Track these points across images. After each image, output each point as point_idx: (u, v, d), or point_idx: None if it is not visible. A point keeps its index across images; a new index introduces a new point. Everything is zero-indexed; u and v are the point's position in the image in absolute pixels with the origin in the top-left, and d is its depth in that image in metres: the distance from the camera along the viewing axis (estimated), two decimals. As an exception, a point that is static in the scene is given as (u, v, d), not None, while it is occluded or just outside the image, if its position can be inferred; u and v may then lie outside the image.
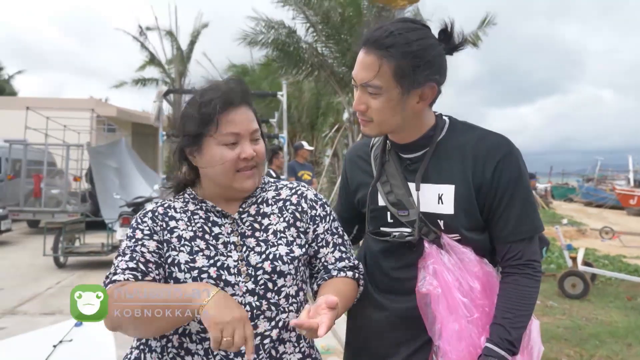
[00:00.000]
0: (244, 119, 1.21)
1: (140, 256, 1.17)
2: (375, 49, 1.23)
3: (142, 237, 1.20)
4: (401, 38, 1.22)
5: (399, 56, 1.21)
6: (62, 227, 7.98)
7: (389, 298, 1.41)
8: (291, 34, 11.48)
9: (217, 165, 1.20)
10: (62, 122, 13.13)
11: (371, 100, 1.27)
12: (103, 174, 11.52)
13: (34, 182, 12.15)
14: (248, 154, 1.20)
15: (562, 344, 4.67)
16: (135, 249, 1.18)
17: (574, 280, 6.55)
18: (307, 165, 8.05)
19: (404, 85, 1.24)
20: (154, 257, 1.19)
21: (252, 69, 19.61)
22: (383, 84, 1.24)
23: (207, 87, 1.23)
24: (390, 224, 1.40)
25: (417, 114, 1.32)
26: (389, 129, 1.34)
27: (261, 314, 1.19)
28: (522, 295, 1.27)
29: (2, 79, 29.60)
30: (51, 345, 2.36)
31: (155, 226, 1.22)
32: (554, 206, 24.20)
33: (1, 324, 4.93)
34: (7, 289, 6.34)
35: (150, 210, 1.26)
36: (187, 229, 1.23)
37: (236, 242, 1.23)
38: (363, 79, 1.26)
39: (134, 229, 1.23)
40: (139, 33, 22.06)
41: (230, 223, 1.26)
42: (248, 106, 1.24)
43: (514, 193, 1.29)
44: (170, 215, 1.25)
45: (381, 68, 1.22)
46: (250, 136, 1.22)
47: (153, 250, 1.19)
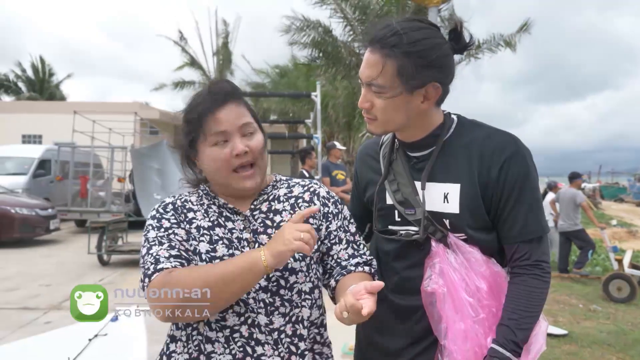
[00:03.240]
0: (230, 115, 1.21)
1: (178, 244, 1.18)
2: (380, 48, 1.23)
3: (170, 226, 1.21)
4: (405, 37, 1.21)
5: (402, 55, 1.21)
6: (105, 227, 8.27)
7: (399, 297, 1.40)
8: (328, 33, 11.54)
9: (212, 166, 1.21)
10: (108, 125, 13.58)
11: (375, 99, 1.27)
12: (145, 175, 11.83)
13: (81, 183, 12.63)
14: (239, 149, 1.20)
15: (605, 349, 4.50)
16: (170, 237, 1.19)
17: (619, 284, 6.30)
18: (340, 165, 8.04)
19: (407, 85, 1.23)
20: (186, 245, 1.20)
21: (290, 69, 19.76)
22: (386, 83, 1.23)
23: (195, 93, 1.26)
24: (398, 222, 1.39)
25: (422, 113, 1.30)
26: (394, 128, 1.33)
27: (275, 310, 1.20)
28: (529, 296, 1.25)
29: (52, 84, 30.88)
30: (87, 339, 2.45)
31: (178, 216, 1.24)
32: (603, 207, 23.31)
33: (47, 319, 5.16)
34: (53, 285, 6.64)
35: (170, 203, 1.28)
36: (204, 219, 1.25)
37: (249, 239, 1.24)
38: (367, 77, 1.26)
39: (158, 219, 1.23)
40: (180, 38, 22.66)
41: (242, 220, 1.27)
42: (236, 103, 1.23)
43: (521, 193, 1.27)
44: (188, 207, 1.27)
45: (385, 67, 1.22)
46: (240, 131, 1.22)
47: (184, 238, 1.21)
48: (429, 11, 6.32)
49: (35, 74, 30.32)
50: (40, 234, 10.58)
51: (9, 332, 4.73)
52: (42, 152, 13.44)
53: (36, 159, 13.06)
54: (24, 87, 29.81)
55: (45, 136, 18.95)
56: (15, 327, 4.91)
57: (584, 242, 7.92)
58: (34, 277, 7.18)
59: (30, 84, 29.90)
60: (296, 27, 11.46)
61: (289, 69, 19.82)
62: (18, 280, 7.02)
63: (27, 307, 5.66)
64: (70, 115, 13.19)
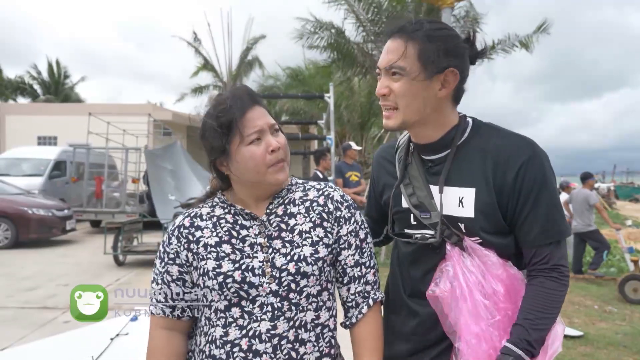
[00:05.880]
0: (261, 115, 1.26)
1: (167, 287, 1.31)
2: (402, 34, 1.28)
3: (167, 262, 1.31)
4: (426, 25, 1.28)
5: (424, 39, 1.26)
6: (121, 227, 8.38)
7: (417, 301, 1.41)
8: (340, 34, 11.55)
9: (250, 164, 1.24)
10: (122, 126, 13.72)
11: (394, 84, 1.29)
12: (158, 176, 11.93)
13: (96, 184, 12.78)
14: (274, 145, 1.24)
15: (621, 350, 4.48)
16: (164, 277, 1.31)
17: (635, 285, 6.25)
18: (355, 166, 8.03)
19: (427, 68, 1.26)
20: (177, 286, 1.30)
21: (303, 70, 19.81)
22: (407, 65, 1.26)
23: (218, 99, 1.29)
24: (414, 225, 1.41)
25: (439, 105, 1.32)
26: (412, 117, 1.32)
27: (282, 315, 1.22)
28: (546, 297, 1.25)
29: (67, 86, 31.23)
30: (109, 338, 2.49)
31: (179, 246, 1.30)
32: (618, 207, 23.04)
33: (65, 318, 5.25)
34: (71, 284, 6.74)
35: (177, 227, 1.33)
36: (211, 236, 1.28)
37: (262, 244, 1.27)
38: (388, 61, 1.29)
39: (164, 248, 1.33)
40: (193, 39, 22.85)
41: (259, 225, 1.29)
42: (259, 104, 1.28)
43: (538, 197, 1.26)
44: (196, 225, 1.31)
45: (406, 50, 1.26)
46: (270, 129, 1.27)
47: (176, 277, 1.30)
48: (443, 12, 6.32)
49: (50, 76, 30.68)
50: (56, 234, 10.75)
51: (29, 331, 4.83)
52: (57, 153, 13.62)
53: (52, 161, 13.24)
54: (39, 89, 30.18)
55: (60, 138, 19.19)
56: (36, 326, 5.01)
57: (598, 243, 7.87)
58: (52, 277, 7.32)
59: (45, 86, 30.25)
60: (309, 31, 11.48)
61: (301, 70, 19.87)
62: (37, 280, 7.16)
63: (47, 306, 5.78)
64: (84, 117, 13.36)
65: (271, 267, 1.23)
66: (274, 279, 1.22)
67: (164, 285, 1.30)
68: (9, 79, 29.36)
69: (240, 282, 1.22)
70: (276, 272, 1.23)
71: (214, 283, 1.22)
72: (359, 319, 1.33)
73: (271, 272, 1.23)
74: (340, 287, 1.36)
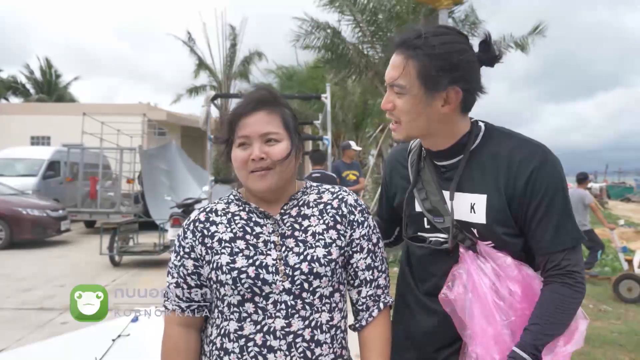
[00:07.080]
0: (257, 122, 1.27)
1: (183, 282, 1.31)
2: (404, 50, 1.27)
3: (182, 256, 1.32)
4: (429, 40, 1.24)
5: (424, 57, 1.24)
6: (117, 228, 8.36)
7: (432, 300, 1.41)
8: (337, 35, 11.55)
9: (235, 165, 1.30)
10: (116, 126, 13.67)
11: (397, 99, 1.30)
12: (153, 176, 11.89)
13: (90, 184, 12.72)
14: (255, 155, 1.25)
15: (616, 349, 4.52)
16: (180, 271, 1.31)
17: (629, 284, 6.30)
18: (354, 165, 8.05)
19: (427, 87, 1.25)
20: (193, 280, 1.31)
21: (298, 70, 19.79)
22: (407, 84, 1.26)
23: (242, 97, 1.35)
24: (428, 229, 1.42)
25: (444, 119, 1.31)
26: (417, 132, 1.34)
27: (296, 312, 1.23)
28: (557, 303, 1.24)
29: (60, 86, 31.03)
30: (110, 339, 2.49)
31: (194, 240, 1.32)
32: (610, 206, 23.20)
33: (63, 319, 5.23)
34: (67, 285, 6.73)
35: (193, 221, 1.35)
36: (226, 231, 1.30)
37: (276, 242, 1.28)
38: (390, 78, 1.30)
39: (179, 242, 1.34)
40: (188, 39, 22.80)
41: (272, 223, 1.31)
42: (268, 111, 1.29)
43: (550, 204, 1.26)
44: (211, 220, 1.33)
45: (406, 68, 1.26)
46: (261, 138, 1.27)
47: (191, 271, 1.31)
48: (439, 13, 6.35)
49: (43, 76, 30.47)
50: (51, 235, 10.69)
51: (27, 333, 4.82)
52: (51, 153, 13.54)
53: (46, 161, 13.16)
54: (32, 88, 29.97)
55: (53, 138, 19.08)
56: (34, 327, 4.99)
57: (592, 243, 7.92)
58: (49, 278, 7.28)
59: (38, 86, 30.06)
60: (305, 31, 11.49)
61: (296, 71, 19.86)
62: (33, 281, 7.12)
63: (44, 307, 5.76)
64: (78, 117, 13.30)
65: (284, 265, 1.25)
66: (287, 277, 1.24)
67: (179, 279, 1.31)
68: (1, 78, 29.13)
69: (254, 278, 1.23)
70: (289, 270, 1.24)
71: (228, 278, 1.24)
72: (369, 322, 1.34)
73: (284, 270, 1.24)
74: (351, 290, 1.37)
